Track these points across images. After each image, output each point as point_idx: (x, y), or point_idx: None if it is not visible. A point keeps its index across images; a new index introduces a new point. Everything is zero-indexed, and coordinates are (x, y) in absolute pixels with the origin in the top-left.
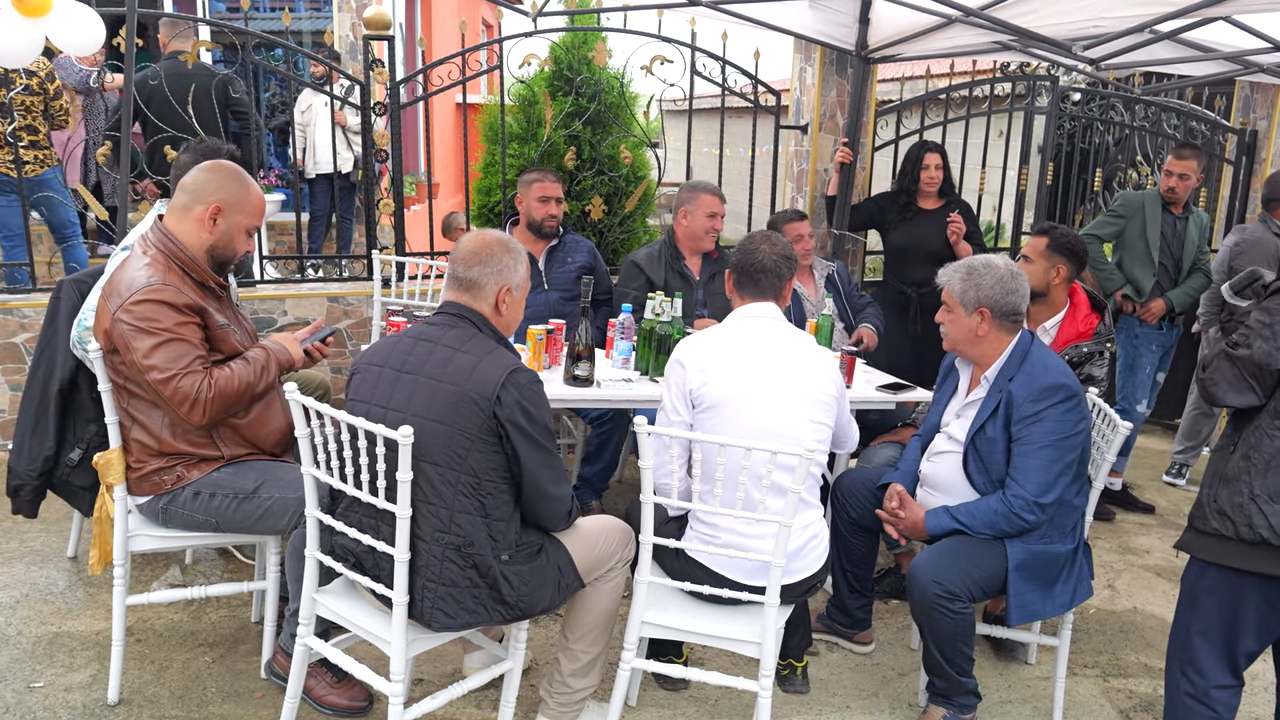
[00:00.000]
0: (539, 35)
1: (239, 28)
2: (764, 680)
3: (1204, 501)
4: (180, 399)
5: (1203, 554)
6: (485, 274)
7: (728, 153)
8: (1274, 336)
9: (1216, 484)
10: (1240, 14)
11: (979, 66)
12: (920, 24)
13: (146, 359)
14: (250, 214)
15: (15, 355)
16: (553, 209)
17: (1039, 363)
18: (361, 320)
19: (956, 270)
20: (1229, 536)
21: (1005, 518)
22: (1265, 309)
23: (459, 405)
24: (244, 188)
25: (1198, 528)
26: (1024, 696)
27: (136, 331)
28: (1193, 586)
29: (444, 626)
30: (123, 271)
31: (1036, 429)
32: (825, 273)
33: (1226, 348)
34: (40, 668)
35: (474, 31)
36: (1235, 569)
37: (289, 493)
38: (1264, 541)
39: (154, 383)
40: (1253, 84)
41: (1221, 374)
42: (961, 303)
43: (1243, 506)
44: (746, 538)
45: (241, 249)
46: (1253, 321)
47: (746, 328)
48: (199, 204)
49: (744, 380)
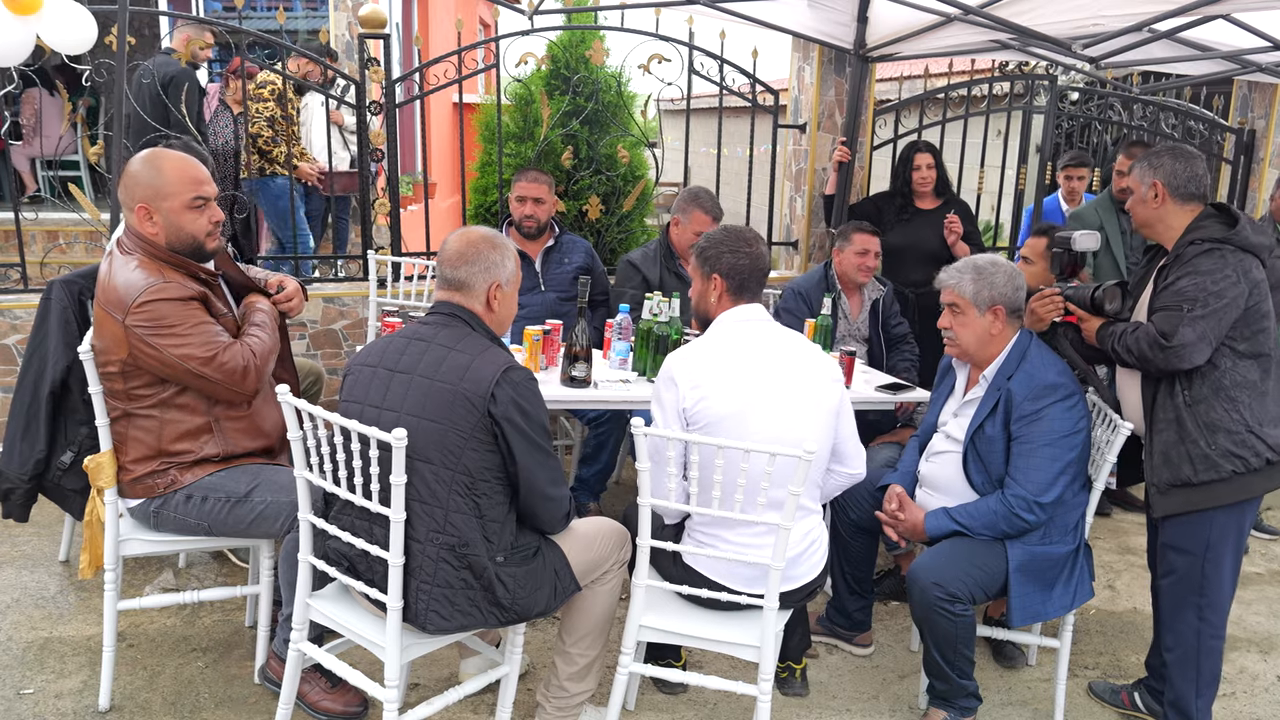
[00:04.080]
0: (536, 34)
1: (234, 26)
2: (763, 684)
3: (1206, 454)
4: (229, 372)
5: (1222, 499)
6: (474, 273)
7: (726, 152)
8: (1221, 292)
9: (1207, 434)
10: (1239, 12)
11: (977, 65)
12: (919, 23)
13: (179, 350)
14: (176, 192)
15: (6, 357)
16: (528, 209)
17: (1038, 361)
18: (357, 321)
19: (963, 272)
20: (1242, 471)
21: (1004, 518)
22: (1194, 271)
23: (453, 404)
24: (155, 172)
25: (1208, 480)
26: (1024, 699)
27: (156, 331)
28: (1198, 541)
29: (439, 629)
30: (116, 279)
31: (1036, 428)
32: (875, 296)
33: (1185, 314)
34: (30, 674)
35: (470, 30)
36: (1239, 501)
37: (282, 496)
38: (1269, 463)
39: (195, 371)
40: (1251, 83)
41: (1187, 338)
42: (975, 303)
43: (1245, 440)
44: (746, 549)
45: (199, 229)
46: (1186, 287)
47: (739, 334)
48: (130, 210)
49: (744, 392)
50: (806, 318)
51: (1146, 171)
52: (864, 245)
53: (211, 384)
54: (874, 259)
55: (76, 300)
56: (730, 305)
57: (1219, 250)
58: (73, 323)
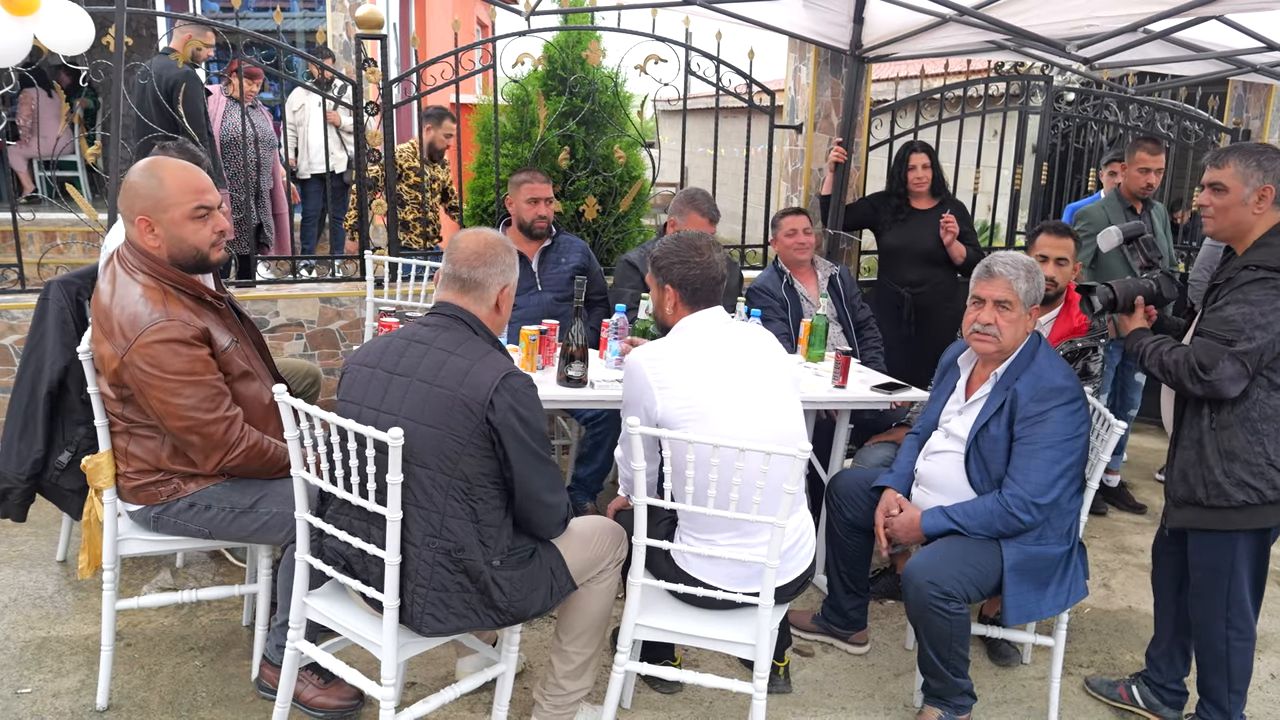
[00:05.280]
0: (532, 34)
1: (231, 27)
2: (759, 682)
3: (1219, 481)
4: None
5: (1231, 525)
6: (490, 274)
7: (722, 152)
8: (1269, 326)
9: (1225, 461)
10: (1233, 13)
11: (973, 66)
12: (914, 23)
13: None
14: (178, 202)
15: (4, 357)
16: (542, 209)
17: (1045, 363)
18: (354, 321)
19: (1016, 269)
20: (1256, 503)
21: (1000, 517)
22: (1242, 300)
23: (452, 409)
24: (157, 183)
25: (1217, 505)
26: (1019, 697)
27: (151, 380)
28: (1223, 558)
29: (434, 632)
30: (118, 308)
31: (1039, 429)
32: (828, 274)
33: (1227, 349)
34: (28, 673)
35: (468, 31)
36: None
37: (288, 508)
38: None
39: (176, 430)
40: (1245, 83)
41: (1226, 373)
42: (1024, 301)
43: (1263, 473)
44: (738, 548)
45: (201, 240)
46: (1234, 316)
47: (700, 334)
48: (130, 223)
49: (709, 390)
50: (776, 309)
51: (1254, 172)
52: (790, 226)
53: (193, 449)
54: (804, 235)
55: (74, 300)
56: (687, 313)
57: (1273, 281)
58: (70, 323)
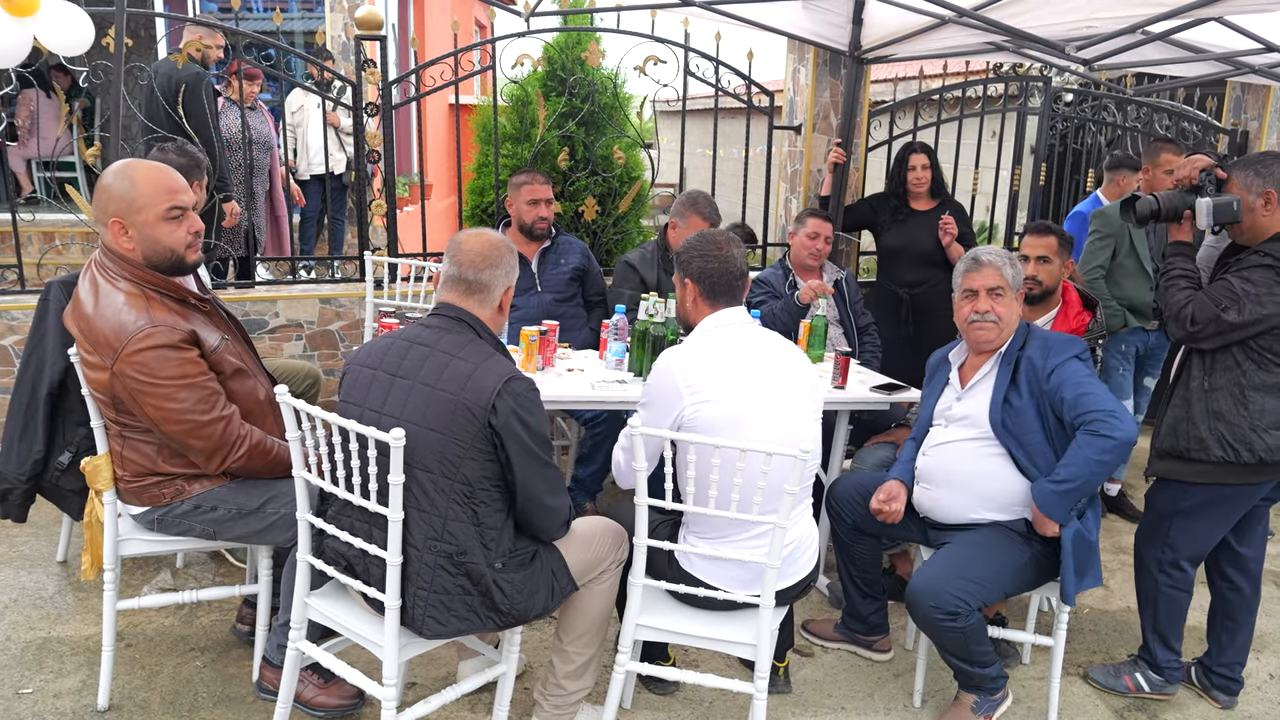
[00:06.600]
0: (532, 35)
1: (230, 28)
2: (759, 682)
3: (1203, 436)
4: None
5: (1198, 478)
6: (497, 275)
7: (721, 153)
8: (1261, 304)
9: (1211, 420)
10: (1231, 15)
11: (972, 67)
12: (913, 24)
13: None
14: (151, 204)
15: (4, 358)
16: (542, 210)
17: (1043, 332)
18: (354, 322)
19: (1000, 257)
20: (1231, 461)
21: (1093, 445)
22: (1247, 278)
23: (454, 413)
24: (129, 184)
25: (1195, 458)
26: (1019, 696)
27: (143, 388)
28: (1173, 505)
29: (435, 634)
30: (100, 318)
31: (1070, 369)
32: (834, 278)
33: (1220, 312)
34: (29, 674)
35: (467, 32)
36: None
37: (295, 509)
38: (1261, 461)
39: (174, 434)
40: (1243, 85)
41: (1208, 331)
42: (1013, 286)
43: (1244, 437)
44: (741, 549)
45: (176, 241)
46: (1237, 287)
47: (725, 337)
48: (104, 226)
49: (741, 395)
50: (772, 299)
51: (1254, 180)
52: (815, 229)
53: (194, 452)
54: (824, 244)
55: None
56: (708, 310)
57: (1278, 269)
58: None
